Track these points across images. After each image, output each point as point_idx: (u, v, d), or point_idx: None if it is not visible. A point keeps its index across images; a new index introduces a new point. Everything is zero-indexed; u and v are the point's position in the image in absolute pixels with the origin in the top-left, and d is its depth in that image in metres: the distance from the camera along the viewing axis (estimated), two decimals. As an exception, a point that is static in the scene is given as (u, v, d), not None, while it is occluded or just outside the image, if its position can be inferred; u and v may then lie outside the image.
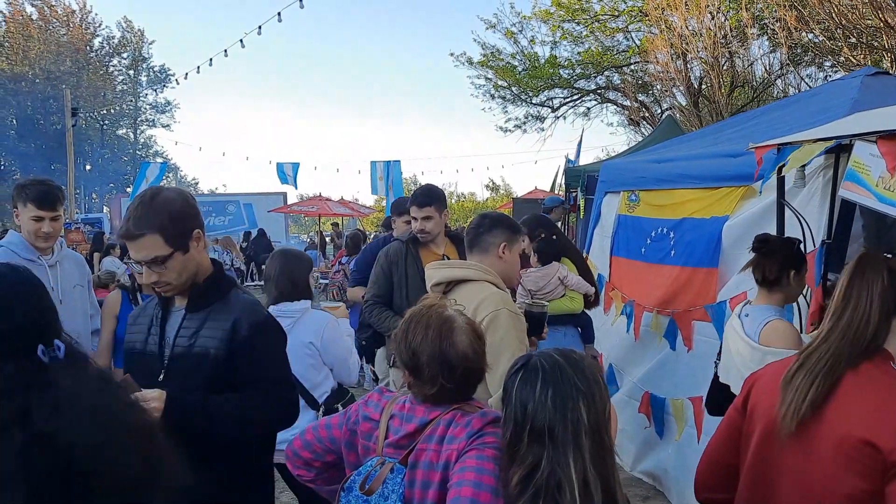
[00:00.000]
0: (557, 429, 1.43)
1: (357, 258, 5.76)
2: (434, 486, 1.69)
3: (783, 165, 3.59)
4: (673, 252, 4.97)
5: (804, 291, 3.74)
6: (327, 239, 20.91)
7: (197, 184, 55.04)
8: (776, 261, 3.04)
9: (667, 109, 20.79)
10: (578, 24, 21.08)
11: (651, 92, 21.97)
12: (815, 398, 1.59)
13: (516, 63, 22.51)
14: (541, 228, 5.04)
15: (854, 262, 1.69)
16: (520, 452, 1.45)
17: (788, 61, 17.80)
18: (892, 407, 1.52)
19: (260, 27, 14.41)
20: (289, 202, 25.26)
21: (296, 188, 19.11)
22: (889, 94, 4.36)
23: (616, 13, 20.44)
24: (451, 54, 26.25)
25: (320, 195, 21.32)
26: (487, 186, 48.48)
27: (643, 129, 20.54)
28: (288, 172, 16.55)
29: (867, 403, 1.54)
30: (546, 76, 21.85)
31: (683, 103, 19.91)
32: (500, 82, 22.97)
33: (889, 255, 1.70)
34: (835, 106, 4.40)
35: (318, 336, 3.35)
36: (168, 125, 47.33)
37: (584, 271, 5.01)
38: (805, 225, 3.70)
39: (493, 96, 23.44)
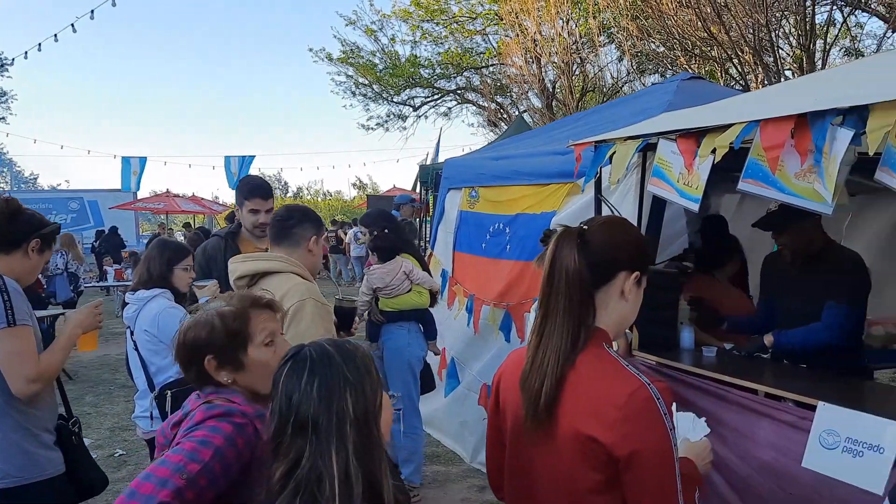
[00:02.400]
0: (322, 420, 1.39)
1: None
2: None
3: (602, 166, 3.75)
4: (508, 247, 5.10)
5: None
6: (180, 237, 20.01)
7: (36, 179, 50.99)
8: None
9: (523, 111, 21.44)
10: (438, 24, 21.35)
11: (509, 94, 22.57)
12: (547, 400, 1.57)
13: (377, 61, 22.49)
14: (382, 222, 5.02)
15: (553, 242, 1.63)
16: (283, 446, 1.40)
17: (633, 69, 18.84)
18: (606, 398, 1.52)
19: (93, 11, 13.50)
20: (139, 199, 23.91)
21: (136, 189, 18.09)
22: (700, 97, 4.66)
23: (474, 15, 20.86)
24: (310, 49, 26.05)
25: (167, 191, 20.23)
26: (354, 185, 48.18)
27: (501, 130, 21.08)
28: (134, 169, 15.64)
29: (587, 397, 1.55)
30: (407, 75, 21.97)
31: (538, 106, 20.61)
32: (360, 80, 22.85)
33: (584, 227, 1.64)
34: (653, 107, 4.67)
35: (153, 324, 3.41)
36: (3, 118, 43.54)
37: (423, 268, 5.04)
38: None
39: (354, 93, 23.31)
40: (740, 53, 12.90)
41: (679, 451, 1.84)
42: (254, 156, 15.12)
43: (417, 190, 17.28)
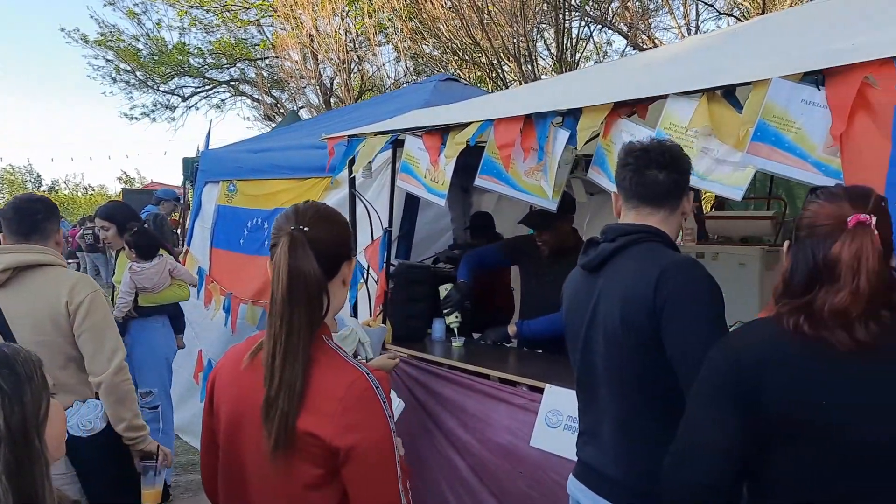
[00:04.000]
0: None
1: None
2: None
3: (353, 160, 3.75)
4: (267, 243, 4.93)
5: (375, 277, 3.96)
6: None
7: None
8: None
9: (301, 107, 21.06)
10: (208, 11, 20.30)
11: (286, 89, 22.04)
12: (291, 422, 1.48)
13: (140, 46, 20.88)
14: (131, 217, 4.69)
15: (285, 249, 1.50)
16: None
17: (411, 71, 19.24)
18: (325, 391, 1.49)
19: None
20: None
21: None
22: (454, 97, 4.84)
23: (247, 5, 20.11)
24: (63, 29, 23.81)
25: None
26: (120, 179, 44.47)
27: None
28: None
29: (308, 393, 1.50)
30: (174, 63, 20.64)
31: (316, 102, 20.35)
32: (122, 65, 21.10)
33: (305, 229, 1.53)
34: (411, 104, 4.77)
35: None
36: None
37: None
38: (375, 213, 3.91)
39: (114, 80, 21.45)
40: (506, 61, 13.68)
41: None
42: (-11, 143, 13.31)
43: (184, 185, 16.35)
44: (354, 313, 3.92)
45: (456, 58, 15.64)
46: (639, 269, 1.81)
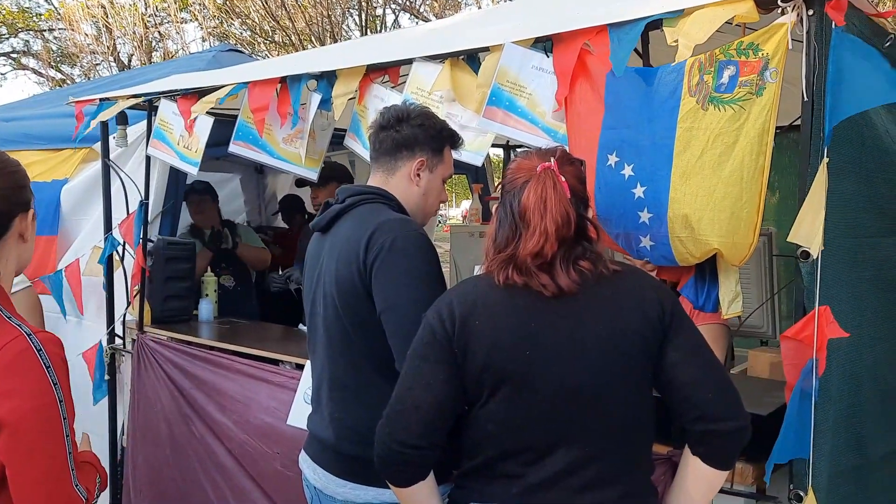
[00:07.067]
0: None
1: None
2: None
3: (105, 127, 3.43)
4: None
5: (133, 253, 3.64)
6: None
7: None
8: None
9: (95, 84, 19.37)
10: (-17, -27, 18.15)
11: (77, 64, 20.22)
12: None
13: None
14: None
15: None
16: None
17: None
18: None
19: None
20: None
21: None
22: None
23: (30, -31, 18.22)
24: None
25: None
26: None
27: (68, 103, 18.69)
28: None
29: None
30: (-59, 29, 18.27)
31: (112, 79, 18.84)
32: None
33: None
34: (187, 71, 4.45)
35: None
36: None
37: None
38: (133, 185, 3.59)
39: None
40: (312, 44, 13.39)
41: None
42: None
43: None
44: (111, 293, 3.59)
45: (266, 40, 15.09)
46: (356, 228, 1.76)
